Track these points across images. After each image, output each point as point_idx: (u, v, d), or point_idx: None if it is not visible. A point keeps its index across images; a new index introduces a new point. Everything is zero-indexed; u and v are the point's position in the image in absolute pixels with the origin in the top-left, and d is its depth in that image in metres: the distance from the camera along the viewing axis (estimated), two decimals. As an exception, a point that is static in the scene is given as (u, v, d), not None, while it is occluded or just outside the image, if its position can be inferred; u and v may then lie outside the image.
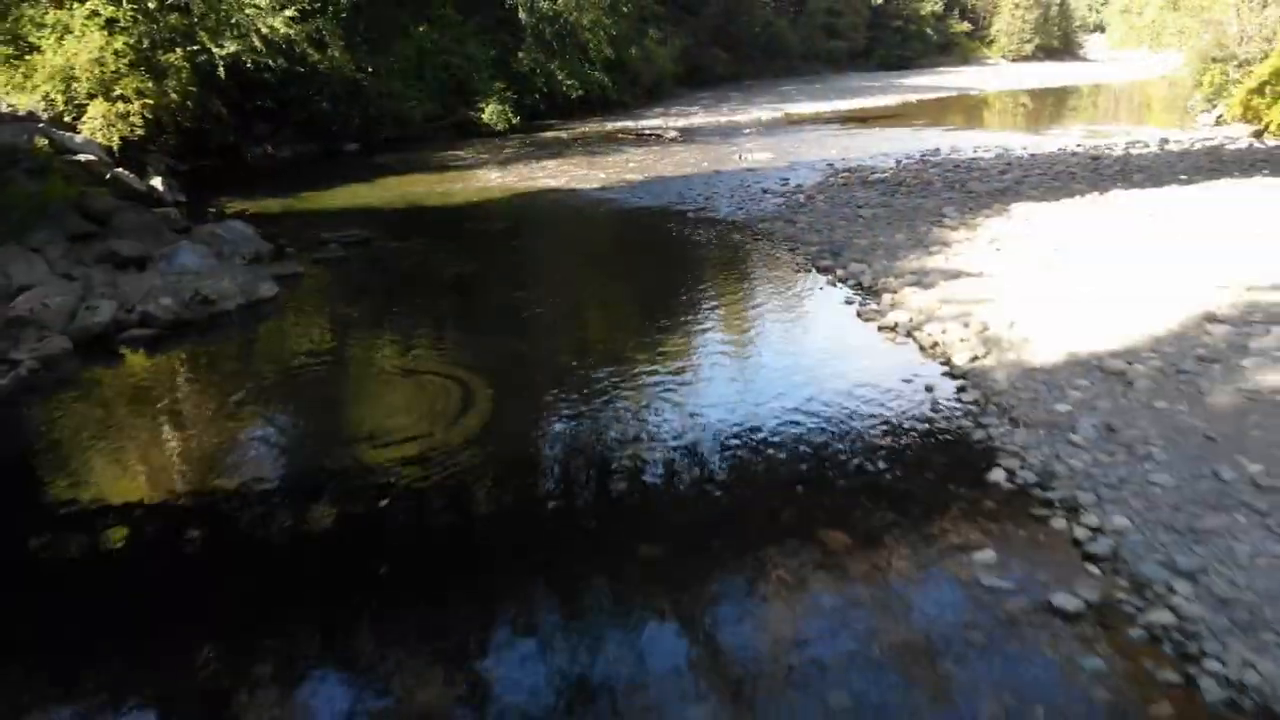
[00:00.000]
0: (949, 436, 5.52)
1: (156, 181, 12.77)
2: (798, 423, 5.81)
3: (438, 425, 5.87)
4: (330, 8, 19.26)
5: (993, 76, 44.18)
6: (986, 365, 6.57)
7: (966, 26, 54.69)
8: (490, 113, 22.63)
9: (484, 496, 5.16)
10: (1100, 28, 67.65)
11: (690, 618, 3.92)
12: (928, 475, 5.07)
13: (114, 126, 13.12)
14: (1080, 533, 4.37)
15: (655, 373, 6.79)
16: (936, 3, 51.07)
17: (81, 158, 12.17)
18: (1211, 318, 6.87)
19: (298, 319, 8.42)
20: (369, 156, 19.40)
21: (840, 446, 5.47)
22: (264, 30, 15.42)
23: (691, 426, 5.80)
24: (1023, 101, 33.15)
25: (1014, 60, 54.36)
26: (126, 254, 8.57)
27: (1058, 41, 58.36)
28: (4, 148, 11.23)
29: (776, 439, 5.59)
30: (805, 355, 7.35)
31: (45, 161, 11.46)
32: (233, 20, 14.92)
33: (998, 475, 4.94)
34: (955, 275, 8.69)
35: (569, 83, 25.50)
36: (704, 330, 8.06)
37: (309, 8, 17.58)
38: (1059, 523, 4.47)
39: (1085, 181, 13.12)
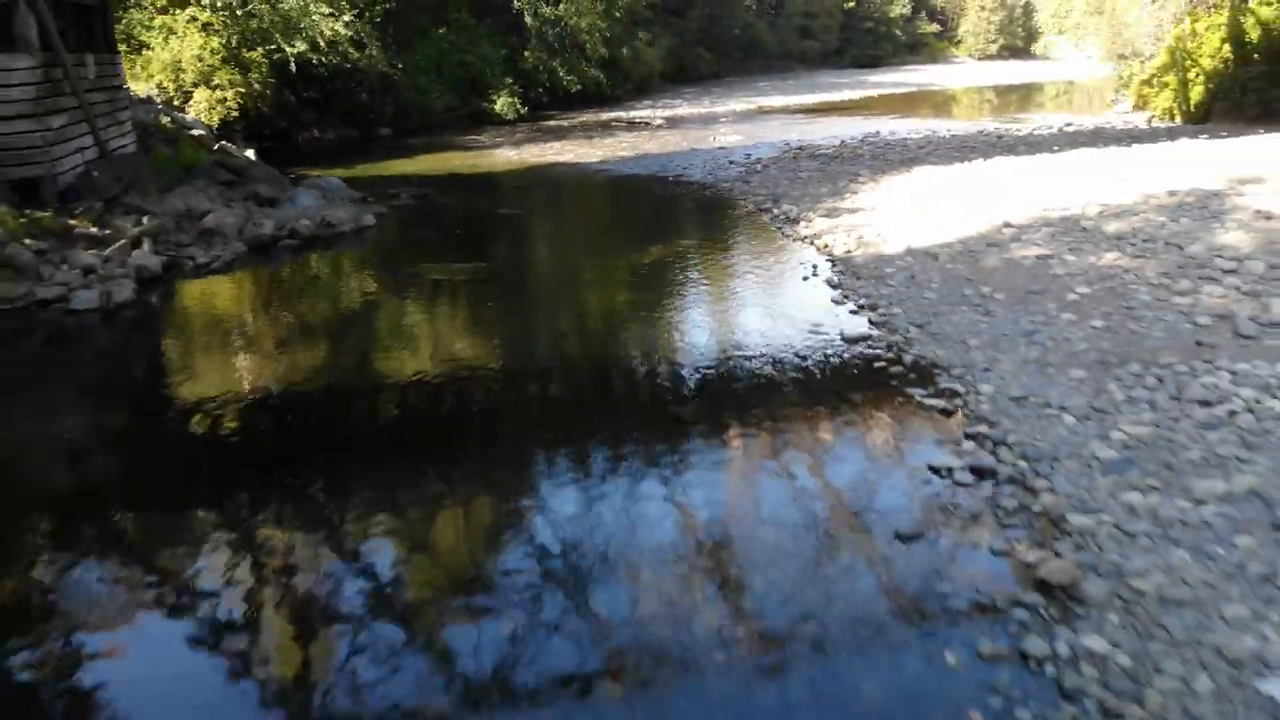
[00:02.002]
0: (816, 286, 9.05)
1: (250, 153, 16.21)
2: (729, 284, 9.37)
3: (494, 300, 9.41)
4: (367, 13, 22.74)
5: (955, 74, 47.90)
6: (854, 254, 10.10)
7: (935, 27, 58.54)
8: (501, 104, 26.19)
9: (514, 357, 8.64)
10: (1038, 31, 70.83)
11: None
12: (800, 301, 8.59)
13: (214, 110, 16.60)
14: (873, 316, 7.88)
15: (636, 269, 10.32)
16: (905, 5, 54.86)
17: (195, 133, 15.63)
18: (1007, 224, 10.39)
19: (393, 236, 12.02)
20: (400, 140, 22.92)
21: (755, 294, 9.00)
22: (327, 32, 18.94)
23: (661, 294, 9.34)
24: (975, 96, 36.78)
25: (980, 59, 58.15)
26: (265, 194, 12.06)
27: (1022, 42, 62.23)
28: (142, 124, 14.69)
29: (720, 290, 9.13)
30: (741, 252, 10.90)
31: (173, 134, 14.93)
32: (301, 25, 18.42)
33: (836, 297, 8.49)
34: (854, 210, 12.23)
35: (569, 78, 29.12)
36: (673, 244, 11.55)
37: (354, 14, 21.10)
38: (863, 314, 8.00)
39: (979, 152, 16.68)
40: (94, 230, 10.00)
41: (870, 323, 7.74)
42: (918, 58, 55.49)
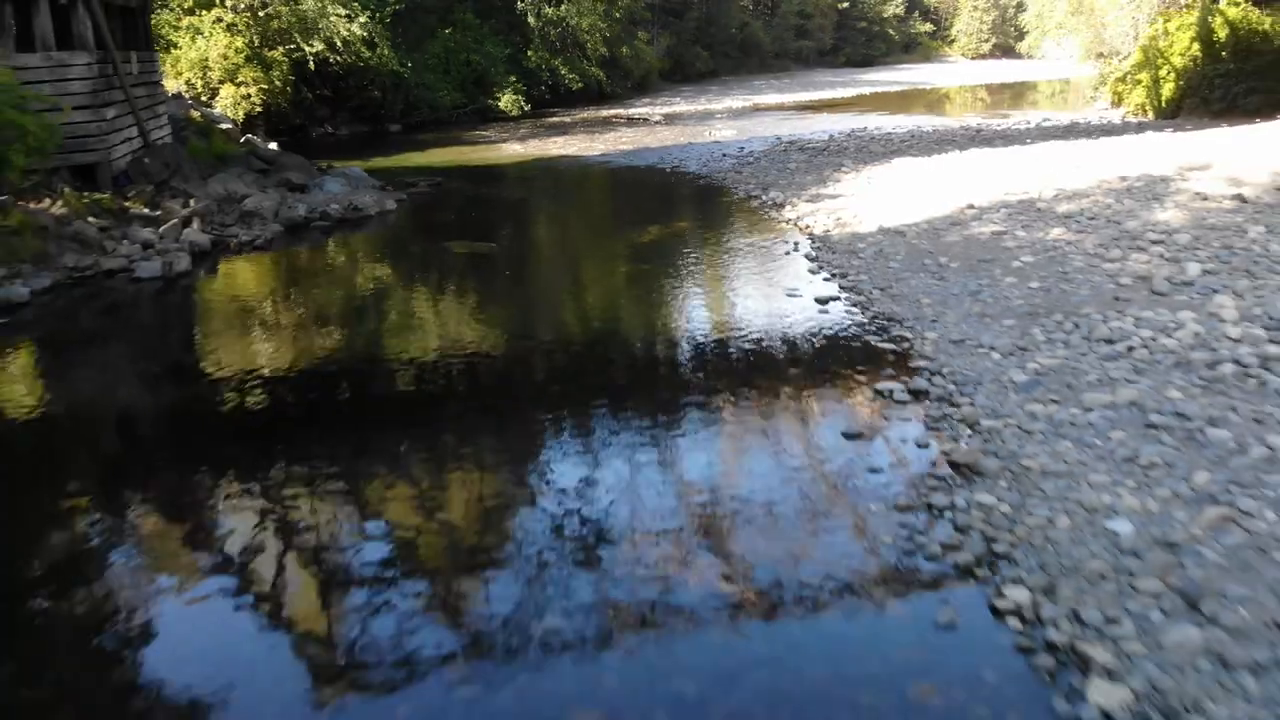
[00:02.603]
0: (796, 259, 10.17)
1: (273, 145, 17.32)
2: (719, 258, 10.49)
3: (510, 271, 10.53)
4: (377, 14, 23.84)
5: (948, 73, 49.01)
6: (832, 232, 11.22)
7: (929, 26, 59.68)
8: (505, 101, 27.31)
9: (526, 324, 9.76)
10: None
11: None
12: (781, 271, 9.71)
13: (239, 105, 17.71)
14: (842, 282, 9.00)
15: (635, 247, 11.44)
16: (899, 4, 56.03)
17: (223, 126, 16.74)
18: (970, 206, 11.51)
19: (415, 219, 13.15)
20: (410, 135, 24.02)
21: (741, 267, 10.12)
22: (344, 33, 20.08)
23: (658, 267, 10.46)
24: (964, 93, 37.89)
25: (973, 58, 59.31)
26: (296, 181, 13.17)
27: (1014, 41, 63.28)
28: (174, 117, 15.79)
29: (710, 263, 10.26)
30: (730, 232, 12.03)
31: (204, 127, 16.04)
32: (319, 26, 19.57)
33: (812, 267, 9.61)
34: (835, 196, 13.35)
35: (570, 76, 30.26)
36: (669, 226, 12.68)
37: (367, 15, 22.23)
38: (835, 281, 9.11)
39: (957, 145, 17.79)
40: (146, 211, 11.12)
41: (840, 287, 8.86)
42: (911, 57, 56.71)
